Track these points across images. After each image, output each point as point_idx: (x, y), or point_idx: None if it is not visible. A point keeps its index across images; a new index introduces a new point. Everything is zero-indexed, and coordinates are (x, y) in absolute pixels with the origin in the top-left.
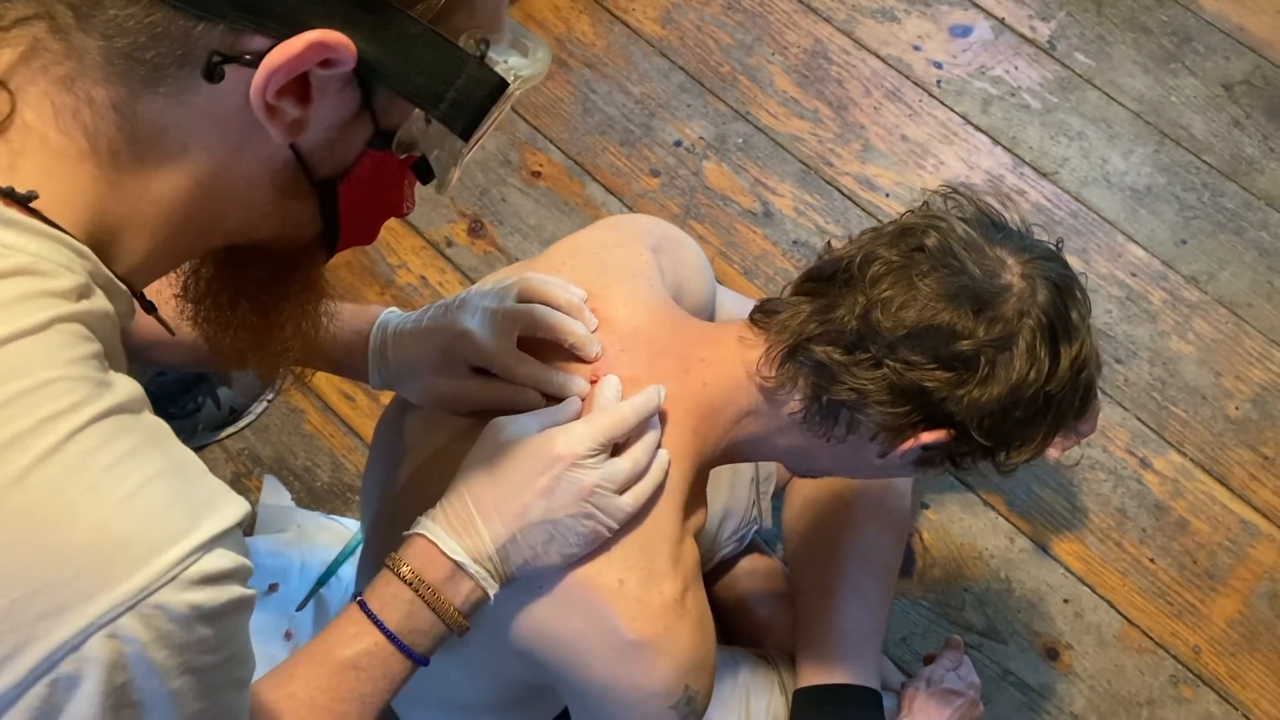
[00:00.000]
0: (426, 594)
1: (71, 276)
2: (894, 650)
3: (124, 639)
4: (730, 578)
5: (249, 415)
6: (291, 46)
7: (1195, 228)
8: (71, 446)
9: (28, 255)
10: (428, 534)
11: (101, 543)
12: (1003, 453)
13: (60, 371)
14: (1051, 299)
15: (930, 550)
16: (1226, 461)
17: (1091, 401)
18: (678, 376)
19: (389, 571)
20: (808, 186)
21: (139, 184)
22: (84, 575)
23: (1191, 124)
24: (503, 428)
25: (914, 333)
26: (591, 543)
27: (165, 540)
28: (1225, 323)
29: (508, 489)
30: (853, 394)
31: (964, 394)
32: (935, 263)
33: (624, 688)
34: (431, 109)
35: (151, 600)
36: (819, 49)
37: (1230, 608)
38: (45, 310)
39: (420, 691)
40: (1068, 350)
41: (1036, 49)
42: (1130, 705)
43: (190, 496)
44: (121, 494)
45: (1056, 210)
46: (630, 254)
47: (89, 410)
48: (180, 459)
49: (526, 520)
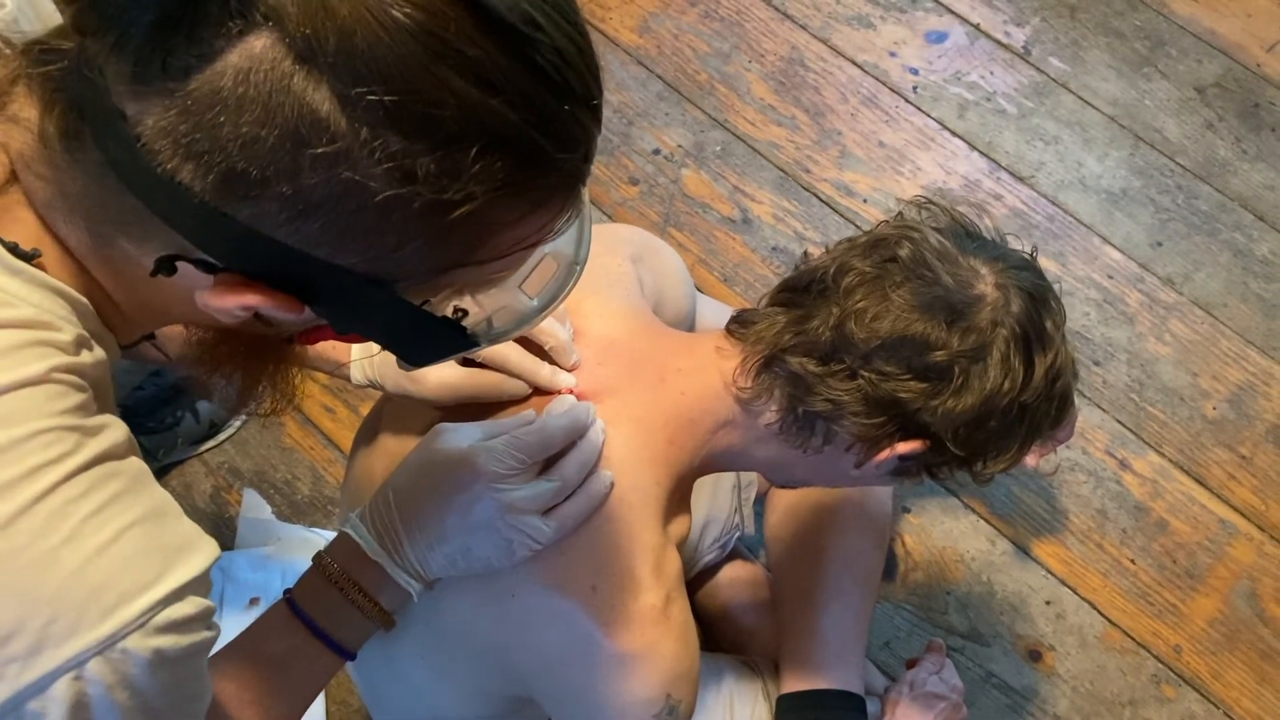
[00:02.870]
0: (352, 592)
1: (71, 329)
2: (877, 654)
3: (89, 681)
4: (713, 585)
5: (229, 429)
6: (223, 299)
7: (1170, 230)
8: (55, 496)
9: (31, 306)
10: (353, 533)
11: (77, 590)
12: (979, 463)
13: (52, 422)
14: (1025, 308)
15: (912, 554)
16: (1205, 461)
17: (1068, 410)
18: (655, 386)
19: (316, 568)
20: (786, 193)
21: (113, 270)
22: (58, 620)
23: (1165, 127)
24: (440, 435)
25: (888, 344)
26: (515, 557)
27: (136, 588)
28: (1201, 324)
29: (426, 500)
30: (828, 405)
31: (938, 404)
32: (908, 273)
33: (606, 698)
34: (387, 349)
35: (119, 646)
36: (795, 56)
37: (1210, 607)
38: (44, 360)
39: (402, 706)
40: (1042, 359)
41: (1011, 54)
42: (1113, 705)
43: (163, 543)
44: (98, 543)
45: (1033, 214)
46: (608, 264)
47: (75, 460)
48: (157, 505)
49: (442, 533)
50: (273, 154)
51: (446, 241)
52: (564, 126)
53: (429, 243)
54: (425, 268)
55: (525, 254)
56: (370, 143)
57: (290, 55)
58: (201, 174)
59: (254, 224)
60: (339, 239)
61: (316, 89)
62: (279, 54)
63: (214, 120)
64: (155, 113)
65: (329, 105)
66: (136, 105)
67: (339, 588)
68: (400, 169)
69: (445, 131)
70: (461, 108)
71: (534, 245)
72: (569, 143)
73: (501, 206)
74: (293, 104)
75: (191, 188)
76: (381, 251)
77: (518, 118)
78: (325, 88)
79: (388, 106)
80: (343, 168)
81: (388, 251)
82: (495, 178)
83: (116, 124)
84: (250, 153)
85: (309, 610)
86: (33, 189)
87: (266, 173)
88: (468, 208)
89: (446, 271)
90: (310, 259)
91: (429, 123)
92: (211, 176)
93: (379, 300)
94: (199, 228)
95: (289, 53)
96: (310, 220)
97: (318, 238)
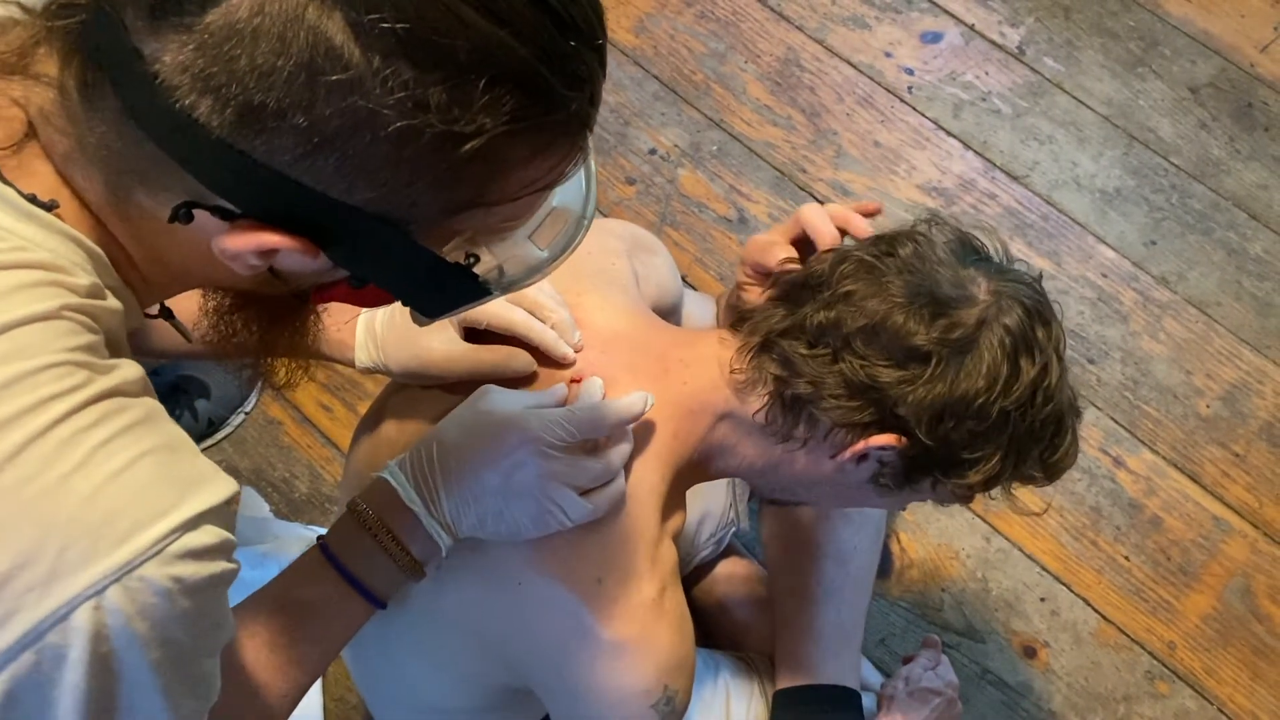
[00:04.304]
0: (384, 538)
1: (86, 275)
2: (873, 651)
3: (108, 610)
4: (709, 581)
5: (227, 427)
6: (240, 242)
7: (1164, 229)
8: (66, 425)
9: (46, 251)
10: (391, 478)
11: (89, 517)
12: (955, 469)
13: (63, 356)
14: (1019, 318)
15: (907, 551)
16: (1199, 459)
17: (1062, 450)
18: (659, 378)
19: (350, 514)
20: (782, 193)
21: (130, 225)
22: (72, 548)
23: (1159, 127)
24: (489, 394)
25: (869, 328)
26: (545, 528)
27: (151, 516)
28: (1195, 322)
29: (471, 454)
30: (810, 387)
31: (911, 390)
32: (904, 268)
33: (603, 688)
34: (401, 299)
35: (136, 574)
36: (791, 57)
37: (1204, 603)
38: (56, 299)
39: (398, 696)
40: (1028, 366)
41: (1006, 54)
42: (1107, 701)
43: (179, 474)
44: (110, 470)
45: (1028, 213)
46: (605, 261)
47: (85, 392)
48: (172, 438)
49: (480, 491)
50: (288, 84)
51: (458, 179)
52: (571, 63)
53: (440, 179)
54: (438, 207)
55: (534, 199)
56: (383, 71)
57: None
58: (219, 108)
59: (269, 161)
60: (353, 175)
61: (330, 18)
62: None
63: (230, 53)
64: (172, 49)
65: (342, 34)
66: (154, 43)
67: (372, 533)
68: (412, 98)
69: (455, 62)
70: (471, 38)
71: (543, 189)
72: (576, 81)
73: (511, 144)
74: (307, 33)
75: (209, 124)
76: (394, 188)
77: (526, 51)
78: (339, 16)
79: (399, 34)
80: (356, 96)
81: (400, 187)
82: (504, 111)
83: (134, 64)
84: (266, 84)
85: (341, 556)
86: (52, 143)
87: (283, 104)
88: (477, 142)
89: (458, 213)
90: (325, 199)
91: (439, 52)
92: (229, 110)
93: (393, 243)
94: (216, 168)
95: None
96: (325, 154)
97: (332, 173)
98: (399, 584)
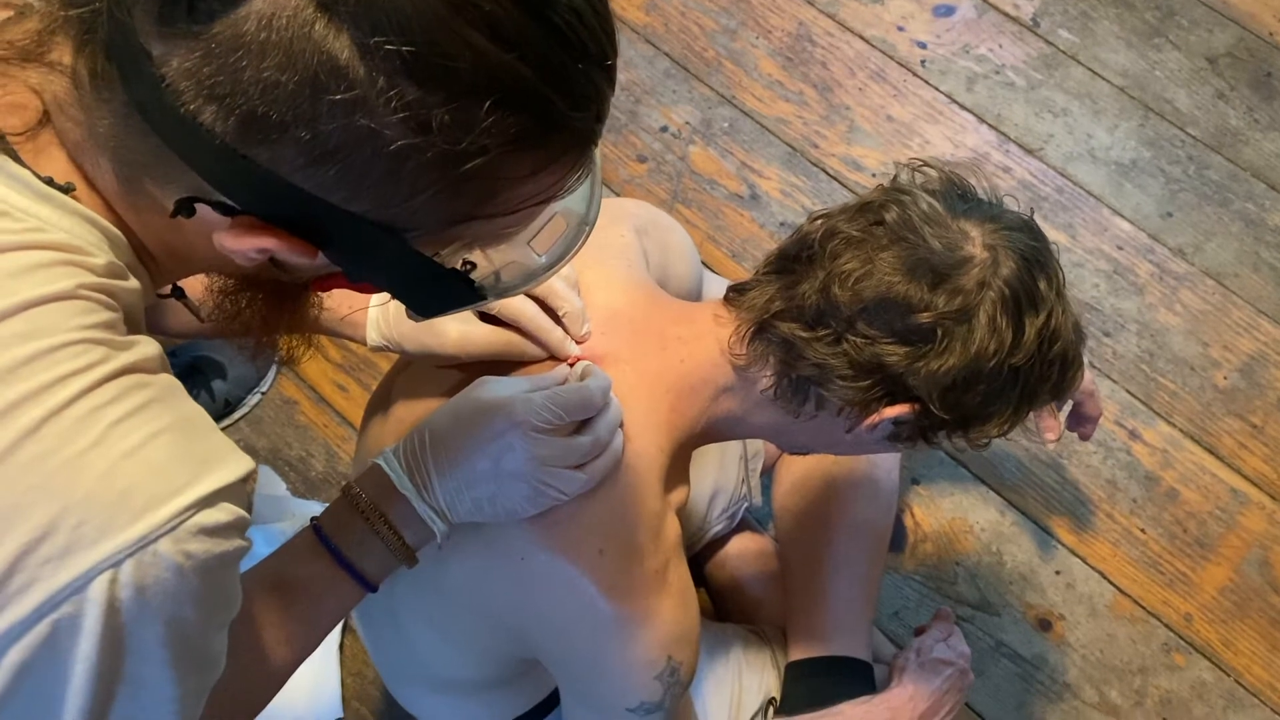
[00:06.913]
0: (378, 522)
1: (103, 255)
2: (886, 624)
3: (123, 584)
4: (722, 556)
5: (243, 407)
6: (239, 241)
7: (1181, 200)
8: (83, 402)
9: (63, 232)
10: (385, 465)
11: (105, 492)
12: (972, 427)
13: (80, 334)
14: (1016, 270)
15: (921, 525)
16: (1215, 431)
17: (1071, 375)
18: (656, 354)
19: (344, 497)
20: (794, 169)
21: (139, 212)
22: (88, 522)
23: (1176, 98)
24: (484, 384)
25: (870, 307)
26: (542, 505)
27: (166, 492)
28: (1212, 294)
29: (460, 441)
30: (816, 370)
31: (921, 366)
32: (894, 236)
33: (607, 659)
34: (396, 298)
35: (151, 549)
36: (803, 32)
37: (1221, 575)
38: (71, 278)
39: (411, 669)
40: (1033, 321)
41: (1020, 27)
42: (1123, 674)
43: (195, 451)
44: (127, 447)
45: (1042, 186)
46: (611, 235)
47: (102, 369)
48: (189, 415)
49: (472, 475)
50: (292, 99)
51: (458, 194)
52: (577, 85)
53: (440, 194)
54: (436, 219)
55: (536, 210)
56: (387, 91)
57: (312, 3)
58: (222, 116)
59: (271, 167)
60: (353, 185)
61: (337, 37)
62: (301, 1)
63: (236, 64)
64: (180, 54)
65: (348, 53)
66: (162, 46)
67: (365, 517)
68: (415, 119)
69: (460, 84)
70: (477, 62)
71: (544, 202)
72: (582, 101)
73: (513, 162)
74: (313, 51)
75: (212, 129)
76: (394, 200)
77: (532, 74)
78: (345, 36)
79: (405, 57)
80: (359, 115)
81: (400, 200)
82: (508, 133)
83: (143, 64)
84: (270, 97)
85: (334, 538)
86: (65, 131)
87: (285, 117)
88: (479, 161)
89: (457, 224)
90: (324, 204)
91: (444, 75)
92: (232, 119)
93: (390, 249)
94: (218, 169)
95: (311, 0)
96: (326, 166)
97: (333, 183)
98: (391, 568)
